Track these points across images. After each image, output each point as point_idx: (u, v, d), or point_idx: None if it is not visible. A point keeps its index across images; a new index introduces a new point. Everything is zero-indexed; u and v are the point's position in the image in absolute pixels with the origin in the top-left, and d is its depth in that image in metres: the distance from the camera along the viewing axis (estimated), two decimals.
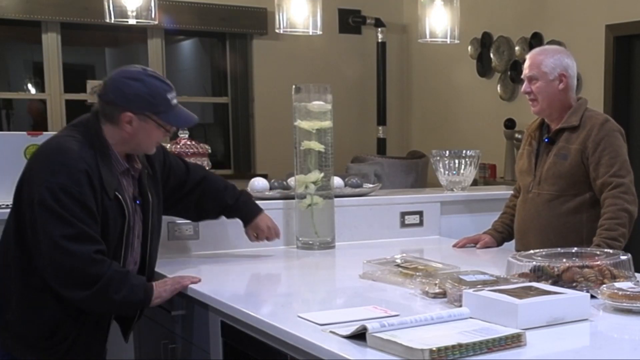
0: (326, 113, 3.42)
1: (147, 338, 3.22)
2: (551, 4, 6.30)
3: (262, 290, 2.80)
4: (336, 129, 3.49)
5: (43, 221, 2.44)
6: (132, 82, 2.60)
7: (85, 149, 2.53)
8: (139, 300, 2.58)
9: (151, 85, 2.61)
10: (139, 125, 2.60)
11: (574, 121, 3.22)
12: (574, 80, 3.29)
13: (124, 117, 2.59)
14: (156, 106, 2.61)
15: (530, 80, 3.27)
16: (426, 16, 4.51)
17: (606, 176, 3.13)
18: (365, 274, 2.79)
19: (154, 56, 6.98)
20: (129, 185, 2.70)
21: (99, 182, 2.51)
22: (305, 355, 2.03)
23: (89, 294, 2.46)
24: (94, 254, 2.46)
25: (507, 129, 6.53)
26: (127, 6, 4.03)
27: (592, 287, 2.33)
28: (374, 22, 7.58)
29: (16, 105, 7.11)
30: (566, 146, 3.22)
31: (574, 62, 3.30)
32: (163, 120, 2.64)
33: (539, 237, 3.22)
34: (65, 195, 2.43)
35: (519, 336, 1.90)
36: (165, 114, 2.64)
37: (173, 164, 3.02)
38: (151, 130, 2.64)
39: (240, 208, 3.19)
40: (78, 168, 2.47)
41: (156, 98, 2.60)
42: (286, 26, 4.27)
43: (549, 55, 3.26)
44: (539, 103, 3.26)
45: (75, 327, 2.60)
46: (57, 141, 2.58)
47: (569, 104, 3.27)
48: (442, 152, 4.19)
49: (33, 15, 6.35)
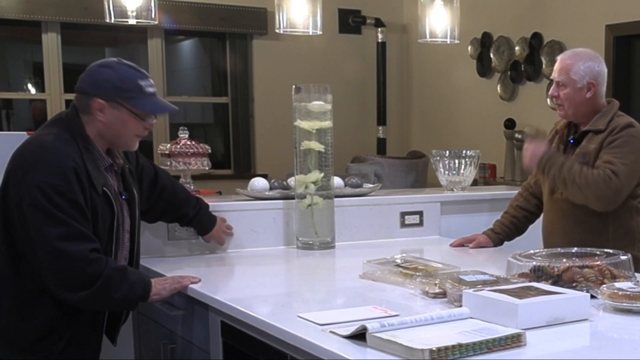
0: (326, 113, 3.42)
1: (147, 338, 3.21)
2: (551, 4, 6.30)
3: (262, 290, 2.79)
4: (336, 129, 3.48)
5: (35, 222, 2.40)
6: (103, 69, 2.55)
7: (70, 145, 2.49)
8: (138, 296, 2.56)
9: (122, 71, 2.55)
10: (111, 114, 2.53)
11: (601, 125, 3.19)
12: (603, 87, 3.23)
13: (94, 104, 2.52)
14: (127, 92, 2.53)
15: (558, 85, 3.23)
16: (426, 16, 4.51)
17: (600, 161, 3.08)
18: (365, 274, 2.79)
19: (154, 56, 6.98)
20: (113, 181, 2.66)
21: (87, 179, 2.47)
22: (305, 355, 2.03)
23: (88, 293, 2.45)
24: (90, 253, 2.44)
25: (507, 129, 6.54)
26: (127, 6, 4.03)
27: (592, 287, 2.33)
28: (374, 22, 7.59)
29: (16, 105, 7.11)
30: (587, 146, 3.20)
31: (604, 68, 3.24)
32: (135, 106, 2.54)
33: (565, 237, 3.20)
34: (56, 194, 2.39)
35: (519, 336, 1.90)
36: (138, 100, 2.54)
37: (145, 166, 2.99)
38: (126, 120, 2.55)
39: (199, 221, 3.20)
40: (66, 166, 2.43)
41: (126, 84, 2.53)
42: (286, 26, 4.27)
43: (580, 62, 3.20)
44: (565, 109, 3.23)
45: (69, 328, 2.58)
46: (40, 140, 2.53)
47: (597, 110, 3.23)
48: (442, 152, 4.18)
49: (33, 15, 6.35)
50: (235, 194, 3.73)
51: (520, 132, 6.44)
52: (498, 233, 3.54)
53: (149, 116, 2.61)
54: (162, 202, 3.06)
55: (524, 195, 3.56)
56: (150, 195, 3.01)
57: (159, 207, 3.07)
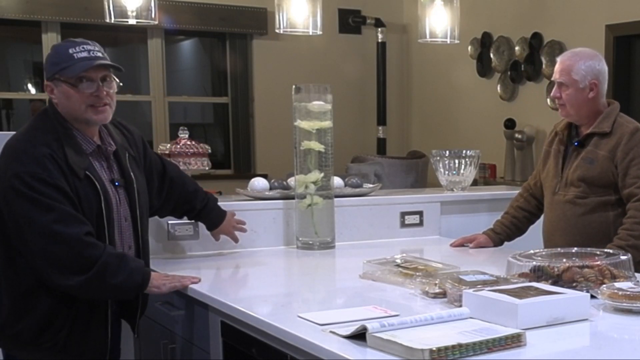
0: (326, 113, 3.42)
1: (147, 338, 3.21)
2: (551, 4, 6.31)
3: (262, 290, 2.80)
4: (336, 129, 3.48)
5: (23, 212, 2.40)
6: (49, 53, 2.60)
7: (44, 134, 2.50)
8: (136, 284, 2.53)
9: (58, 47, 2.58)
10: (58, 92, 2.54)
11: (606, 127, 3.19)
12: (604, 86, 3.23)
13: (46, 89, 2.57)
14: (59, 64, 2.52)
15: (560, 86, 3.22)
16: (426, 16, 4.50)
17: (633, 187, 3.11)
18: (365, 274, 2.79)
19: (154, 56, 6.99)
20: (102, 166, 2.63)
21: (65, 164, 2.47)
22: (305, 355, 2.03)
23: (84, 278, 2.42)
24: (85, 236, 2.43)
25: (507, 129, 6.54)
26: (127, 6, 4.03)
27: (592, 287, 2.33)
28: (374, 22, 7.59)
29: (16, 105, 7.11)
30: (594, 151, 3.20)
31: (605, 66, 3.24)
32: (66, 75, 2.51)
33: (566, 237, 3.21)
34: (36, 181, 2.40)
35: (519, 336, 1.90)
36: (67, 69, 2.50)
37: (152, 158, 2.96)
38: (66, 92, 2.52)
39: (207, 215, 3.17)
40: (41, 153, 2.44)
41: (59, 57, 2.53)
42: (286, 26, 4.27)
43: (580, 61, 3.19)
44: (567, 109, 3.22)
45: (69, 316, 2.55)
46: (17, 134, 2.57)
47: (599, 110, 3.23)
48: (442, 152, 4.19)
49: (33, 15, 6.35)
50: (235, 194, 3.73)
51: (520, 132, 6.44)
52: (498, 233, 3.54)
53: (80, 80, 2.52)
54: (172, 194, 3.03)
55: (524, 196, 3.56)
56: (161, 188, 2.98)
57: (172, 200, 3.04)
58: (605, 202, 3.21)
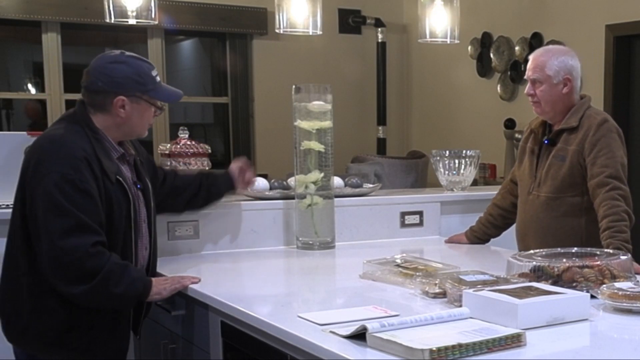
0: (326, 113, 3.42)
1: (147, 338, 3.21)
2: (551, 4, 6.30)
3: (262, 290, 2.80)
4: (336, 129, 3.48)
5: (44, 212, 2.43)
6: (117, 65, 2.60)
7: (80, 137, 2.54)
8: (138, 293, 2.56)
9: (136, 65, 2.63)
10: (131, 108, 2.61)
11: (573, 122, 3.17)
12: (578, 81, 3.22)
13: (117, 102, 2.59)
14: (145, 85, 2.62)
15: (533, 83, 3.20)
16: (426, 16, 4.51)
17: (602, 176, 3.04)
18: (365, 274, 2.79)
19: (154, 56, 6.98)
20: (127, 171, 2.71)
21: (99, 168, 2.51)
22: (305, 355, 2.03)
23: (87, 288, 2.44)
24: (92, 247, 2.44)
25: (507, 129, 6.53)
26: (127, 6, 4.03)
27: (592, 287, 2.33)
28: (374, 22, 7.58)
29: (16, 105, 7.11)
30: (564, 147, 3.18)
31: (578, 62, 3.23)
32: (152, 97, 2.66)
33: (538, 239, 3.19)
34: (67, 184, 2.42)
35: (519, 336, 1.90)
36: (154, 91, 2.65)
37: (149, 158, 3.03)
38: (144, 111, 2.65)
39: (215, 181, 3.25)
40: (76, 156, 2.47)
41: (143, 77, 2.62)
42: (286, 26, 4.27)
43: (553, 57, 3.18)
44: (542, 107, 3.21)
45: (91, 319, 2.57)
46: (51, 134, 2.58)
47: (572, 105, 3.21)
48: (442, 152, 4.19)
49: (33, 15, 6.34)
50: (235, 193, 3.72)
51: (520, 132, 6.44)
52: (474, 231, 3.59)
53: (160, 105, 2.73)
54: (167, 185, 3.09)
55: (502, 193, 3.57)
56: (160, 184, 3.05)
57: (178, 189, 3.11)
58: (577, 206, 3.17)
